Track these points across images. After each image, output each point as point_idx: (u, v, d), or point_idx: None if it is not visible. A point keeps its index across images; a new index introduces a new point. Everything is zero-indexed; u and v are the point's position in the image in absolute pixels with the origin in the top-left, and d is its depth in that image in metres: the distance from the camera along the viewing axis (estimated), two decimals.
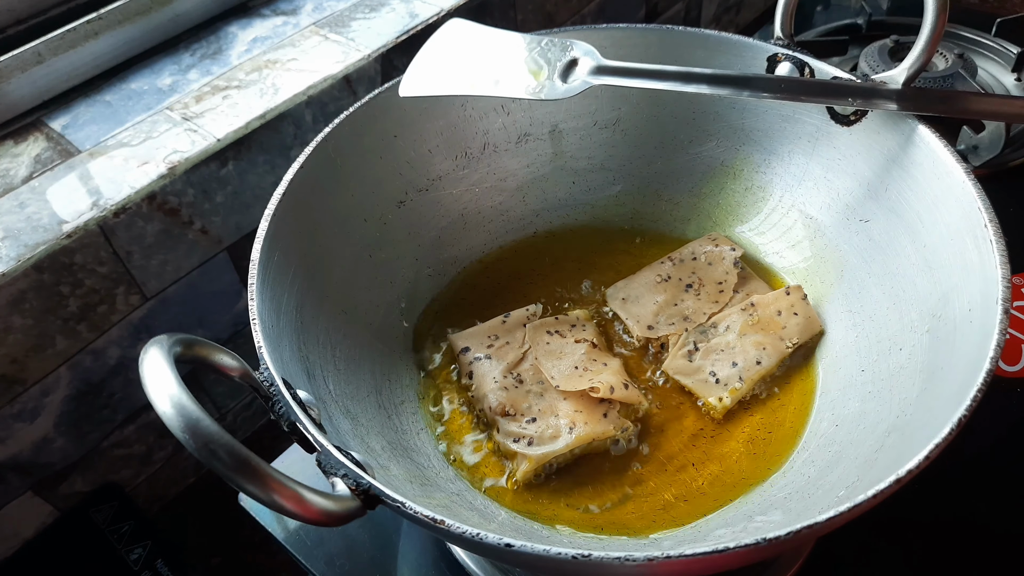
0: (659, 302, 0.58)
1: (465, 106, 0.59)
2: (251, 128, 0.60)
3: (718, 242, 0.60)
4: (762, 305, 0.56)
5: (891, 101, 0.48)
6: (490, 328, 0.57)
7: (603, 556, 0.31)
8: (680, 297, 0.58)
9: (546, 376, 0.53)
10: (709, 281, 0.59)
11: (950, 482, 0.51)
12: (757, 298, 0.56)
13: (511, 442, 0.50)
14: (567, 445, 0.49)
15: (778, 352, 0.54)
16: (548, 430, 0.50)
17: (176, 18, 0.68)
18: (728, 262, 0.59)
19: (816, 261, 0.58)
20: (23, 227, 0.53)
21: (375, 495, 0.34)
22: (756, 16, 1.18)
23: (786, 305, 0.56)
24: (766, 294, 0.57)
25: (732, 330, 0.55)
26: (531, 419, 0.51)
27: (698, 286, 0.58)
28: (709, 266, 0.59)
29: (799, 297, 0.56)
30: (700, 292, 0.58)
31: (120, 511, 0.61)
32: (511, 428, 0.51)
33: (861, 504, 0.32)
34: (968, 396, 0.35)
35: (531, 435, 0.50)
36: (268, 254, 0.45)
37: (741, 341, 0.54)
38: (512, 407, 0.52)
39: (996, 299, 0.39)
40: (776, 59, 0.55)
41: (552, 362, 0.54)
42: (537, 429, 0.50)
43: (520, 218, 0.64)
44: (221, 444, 0.30)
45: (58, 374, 0.56)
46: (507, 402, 0.52)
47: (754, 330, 0.55)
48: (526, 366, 0.54)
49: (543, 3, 0.81)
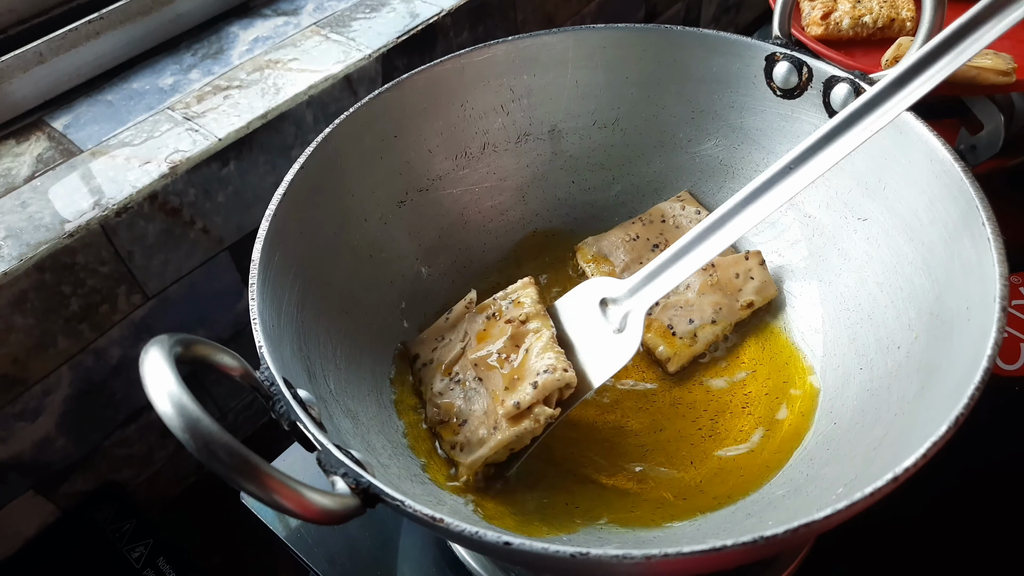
0: (625, 261, 0.60)
1: (465, 106, 0.59)
2: (252, 128, 0.60)
3: (685, 204, 0.62)
4: (722, 267, 0.58)
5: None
6: (437, 330, 0.56)
7: (601, 554, 0.31)
8: (646, 256, 0.60)
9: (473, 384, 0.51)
10: (675, 241, 0.58)
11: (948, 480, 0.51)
12: (718, 259, 0.58)
13: (449, 449, 0.50)
14: (491, 448, 0.48)
15: (732, 312, 0.57)
16: (477, 432, 0.49)
17: (177, 18, 0.68)
18: (693, 225, 0.58)
19: (814, 259, 0.58)
20: (25, 226, 0.53)
21: (375, 494, 0.34)
22: (756, 16, 1.18)
23: (744, 268, 0.58)
24: (726, 256, 0.58)
25: (692, 289, 0.58)
26: (463, 422, 0.50)
27: (664, 245, 0.59)
28: (676, 228, 0.61)
29: (757, 262, 0.59)
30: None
31: (121, 510, 0.62)
32: (447, 436, 0.50)
33: (859, 502, 0.32)
34: (966, 394, 0.35)
35: (461, 441, 0.49)
36: (269, 254, 0.45)
37: (699, 299, 0.57)
38: (446, 414, 0.51)
39: (994, 297, 0.39)
40: (774, 58, 0.56)
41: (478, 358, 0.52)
42: (466, 434, 0.49)
43: (520, 218, 0.64)
44: (221, 444, 0.30)
45: (59, 373, 0.56)
46: (442, 409, 0.51)
47: (712, 290, 0.58)
48: (463, 362, 0.52)
49: (543, 3, 0.81)
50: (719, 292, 0.57)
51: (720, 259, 0.58)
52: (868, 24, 0.67)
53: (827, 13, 0.68)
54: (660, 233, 0.61)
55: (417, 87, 0.56)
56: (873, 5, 0.67)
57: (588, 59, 0.59)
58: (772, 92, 0.57)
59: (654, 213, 0.63)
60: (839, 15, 0.67)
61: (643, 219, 0.62)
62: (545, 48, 0.58)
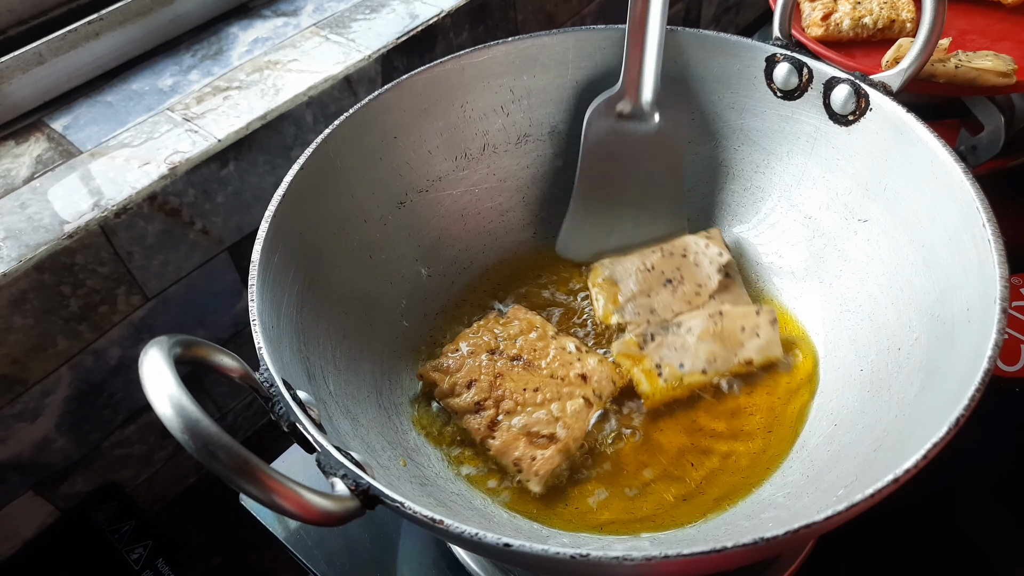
0: (633, 291, 0.58)
1: (465, 107, 0.59)
2: (252, 129, 0.60)
3: (711, 243, 0.60)
4: (729, 317, 0.55)
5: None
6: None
7: (601, 556, 0.31)
8: (656, 290, 0.58)
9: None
10: (690, 280, 0.59)
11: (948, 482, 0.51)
12: (728, 309, 0.56)
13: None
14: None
15: (727, 366, 0.54)
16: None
17: (177, 19, 0.68)
18: (713, 267, 0.59)
19: (814, 261, 0.58)
20: (24, 227, 0.53)
21: (374, 495, 0.34)
22: (756, 16, 1.18)
23: (752, 324, 0.55)
24: (737, 307, 0.56)
25: (692, 333, 0.55)
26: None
27: (677, 283, 0.58)
28: (695, 266, 0.59)
29: (768, 320, 0.55)
30: (677, 290, 0.58)
31: (121, 511, 0.61)
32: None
33: (859, 503, 0.32)
34: (966, 396, 0.35)
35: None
36: (268, 255, 0.45)
37: (697, 345, 0.54)
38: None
39: (994, 299, 0.39)
40: (775, 59, 0.56)
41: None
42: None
43: (520, 218, 0.64)
44: (220, 445, 0.30)
45: (59, 374, 0.56)
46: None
47: (713, 339, 0.54)
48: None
49: (543, 3, 0.81)
50: (719, 342, 0.54)
51: (730, 309, 0.55)
52: (868, 25, 0.67)
53: (827, 14, 0.68)
54: (677, 268, 0.59)
55: (417, 88, 0.56)
56: (873, 6, 0.67)
57: (588, 59, 0.59)
58: (772, 93, 0.57)
59: (677, 245, 0.60)
60: (839, 16, 0.67)
61: (664, 249, 0.60)
62: (545, 48, 0.58)
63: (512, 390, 0.52)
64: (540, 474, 0.48)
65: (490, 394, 0.52)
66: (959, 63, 0.61)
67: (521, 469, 0.49)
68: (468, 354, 0.54)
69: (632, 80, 0.58)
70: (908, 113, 0.49)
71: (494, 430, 0.50)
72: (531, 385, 0.52)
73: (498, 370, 0.53)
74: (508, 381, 0.52)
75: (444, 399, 0.53)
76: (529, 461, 0.49)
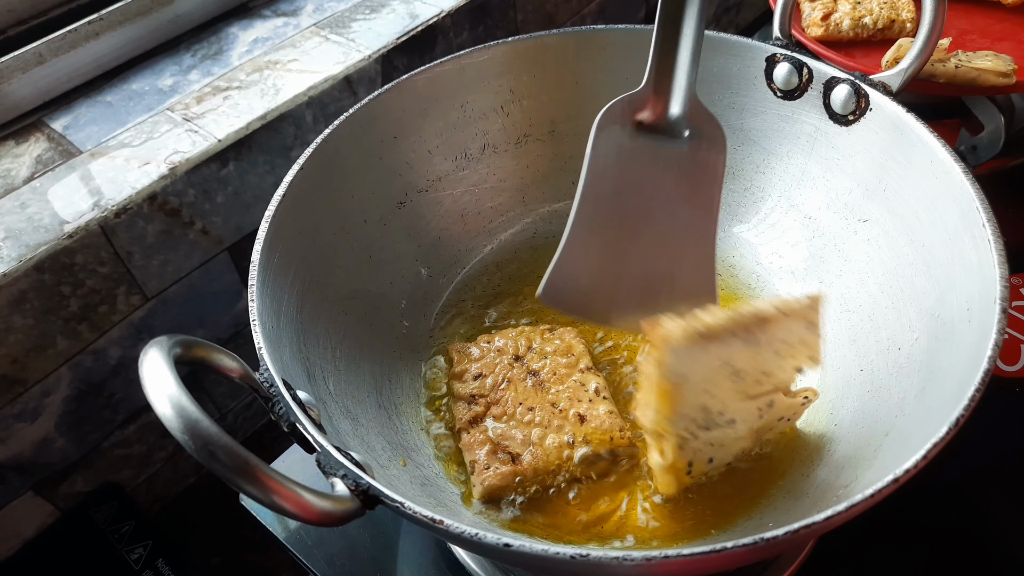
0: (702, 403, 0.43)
1: (465, 107, 0.59)
2: (252, 129, 0.60)
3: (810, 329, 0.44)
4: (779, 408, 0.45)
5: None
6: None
7: (601, 556, 0.31)
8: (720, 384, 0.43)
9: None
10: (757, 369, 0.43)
11: (949, 481, 0.51)
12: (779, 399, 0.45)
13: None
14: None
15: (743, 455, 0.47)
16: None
17: (177, 19, 0.68)
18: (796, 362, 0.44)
19: (814, 261, 0.58)
20: (24, 227, 0.53)
21: (374, 495, 0.34)
22: (756, 16, 1.18)
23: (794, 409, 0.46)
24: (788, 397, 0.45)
25: (738, 429, 0.44)
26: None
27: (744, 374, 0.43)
28: (775, 355, 0.43)
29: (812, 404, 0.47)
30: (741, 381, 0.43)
31: (121, 511, 0.61)
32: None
33: (859, 503, 0.32)
34: (966, 396, 0.35)
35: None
36: (268, 255, 0.45)
37: (735, 443, 0.44)
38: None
39: (994, 299, 0.39)
40: (775, 59, 0.56)
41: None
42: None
43: (520, 218, 0.64)
44: (220, 445, 0.30)
45: (59, 374, 0.56)
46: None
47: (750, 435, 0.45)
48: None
49: (543, 3, 0.81)
50: (755, 435, 0.45)
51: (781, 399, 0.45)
52: (868, 25, 0.67)
53: (827, 14, 0.68)
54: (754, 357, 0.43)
55: (417, 88, 0.56)
56: (873, 6, 0.67)
57: (588, 59, 0.59)
58: (772, 93, 0.57)
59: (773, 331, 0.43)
60: (839, 16, 0.67)
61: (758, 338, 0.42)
62: (545, 48, 0.58)
63: (510, 400, 0.51)
64: (484, 484, 0.48)
65: (489, 394, 0.52)
66: (959, 63, 0.61)
67: (473, 471, 0.49)
68: (496, 351, 0.54)
69: (661, 82, 0.48)
70: (908, 113, 0.49)
71: (472, 426, 0.51)
72: (528, 403, 0.51)
73: (510, 376, 0.53)
74: (511, 390, 0.52)
75: (451, 379, 0.54)
76: (483, 468, 0.48)
